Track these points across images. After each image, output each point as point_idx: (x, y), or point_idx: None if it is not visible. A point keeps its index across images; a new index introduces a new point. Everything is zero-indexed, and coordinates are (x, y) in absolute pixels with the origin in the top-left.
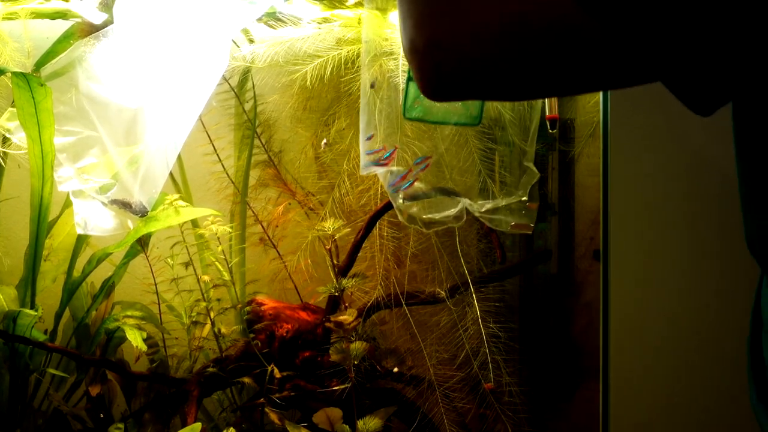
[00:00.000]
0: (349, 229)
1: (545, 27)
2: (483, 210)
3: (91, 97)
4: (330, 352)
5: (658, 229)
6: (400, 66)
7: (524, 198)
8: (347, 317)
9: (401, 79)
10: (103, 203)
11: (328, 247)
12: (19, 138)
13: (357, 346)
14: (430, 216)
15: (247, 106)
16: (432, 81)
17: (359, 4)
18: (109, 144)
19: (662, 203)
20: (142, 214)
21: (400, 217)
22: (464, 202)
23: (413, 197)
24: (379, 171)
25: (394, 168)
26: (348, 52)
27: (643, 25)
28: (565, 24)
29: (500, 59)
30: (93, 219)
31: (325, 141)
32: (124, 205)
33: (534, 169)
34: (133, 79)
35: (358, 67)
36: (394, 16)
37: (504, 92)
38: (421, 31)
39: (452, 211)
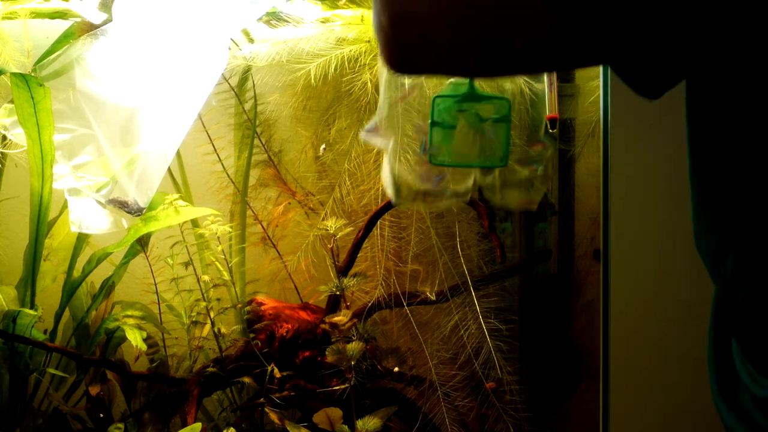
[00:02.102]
0: (350, 229)
1: (499, 8)
2: (491, 182)
3: (88, 94)
4: (326, 352)
5: (658, 229)
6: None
7: (539, 172)
8: (342, 318)
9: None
10: (99, 202)
11: (330, 246)
12: (14, 134)
13: (353, 346)
14: (437, 189)
15: (247, 106)
16: (395, 56)
17: (359, 4)
18: (105, 143)
19: (662, 203)
20: (138, 213)
21: (390, 193)
22: (473, 178)
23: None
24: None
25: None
26: (350, 51)
27: (589, 8)
28: (519, 6)
29: (457, 37)
30: (88, 217)
31: (323, 147)
32: (121, 204)
33: (549, 140)
34: (131, 77)
35: (359, 66)
36: None
37: (462, 69)
38: (386, 9)
39: (460, 189)
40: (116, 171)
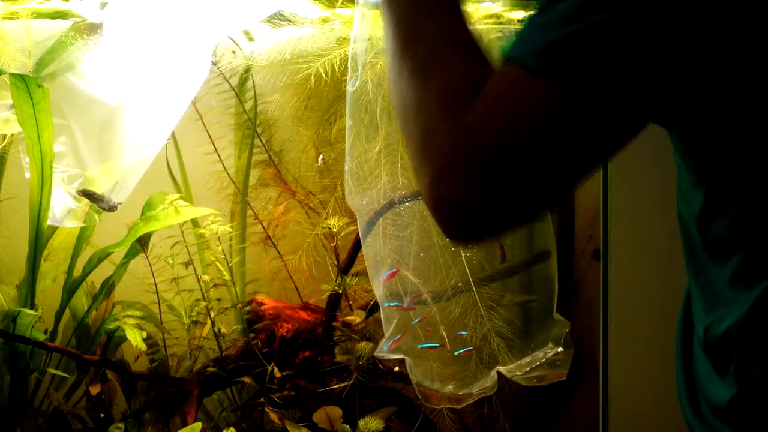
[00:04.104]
0: (353, 228)
1: (538, 129)
2: (521, 372)
3: (65, 86)
4: (335, 351)
5: (657, 228)
6: None
7: (560, 349)
8: (355, 318)
9: None
10: (72, 194)
11: (333, 244)
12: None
13: (363, 346)
14: (466, 391)
15: (248, 106)
16: (458, 233)
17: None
18: (79, 134)
19: (662, 201)
20: (111, 208)
21: (418, 393)
22: (496, 370)
23: (404, 200)
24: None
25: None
26: (355, 49)
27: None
28: (551, 111)
29: (516, 181)
30: (60, 208)
31: (321, 156)
32: (94, 198)
33: (563, 319)
34: (116, 75)
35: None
36: None
37: (534, 209)
38: (431, 193)
39: (487, 384)
40: (93, 167)
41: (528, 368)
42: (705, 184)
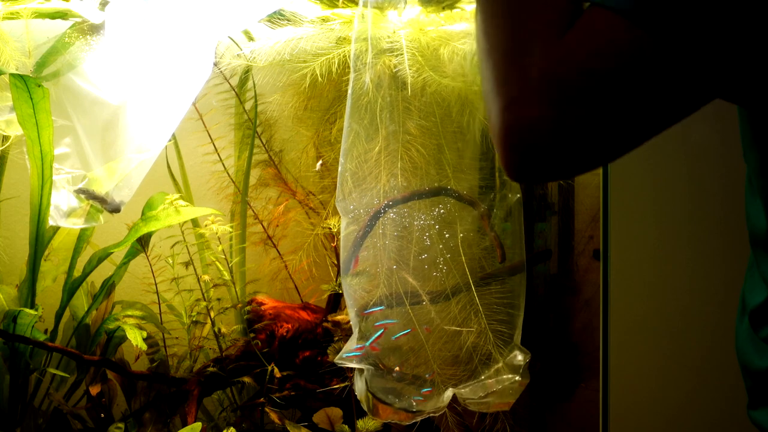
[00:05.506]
0: (353, 227)
1: (615, 64)
2: (475, 397)
3: (70, 87)
4: (328, 351)
5: (658, 228)
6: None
7: (517, 378)
8: (344, 316)
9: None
10: (76, 195)
11: (333, 244)
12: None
13: None
14: (420, 408)
15: (248, 106)
16: (522, 165)
17: (357, 3)
18: (83, 135)
19: (662, 201)
20: (115, 209)
21: (364, 406)
22: (451, 390)
23: (408, 198)
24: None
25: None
26: (355, 49)
27: (701, 39)
28: (627, 51)
29: (591, 116)
30: (65, 209)
31: (320, 162)
32: (98, 199)
33: (524, 348)
34: (118, 76)
35: (360, 64)
36: (393, 14)
37: (601, 152)
38: (506, 116)
39: (440, 403)
40: (97, 167)
41: (482, 393)
42: None
